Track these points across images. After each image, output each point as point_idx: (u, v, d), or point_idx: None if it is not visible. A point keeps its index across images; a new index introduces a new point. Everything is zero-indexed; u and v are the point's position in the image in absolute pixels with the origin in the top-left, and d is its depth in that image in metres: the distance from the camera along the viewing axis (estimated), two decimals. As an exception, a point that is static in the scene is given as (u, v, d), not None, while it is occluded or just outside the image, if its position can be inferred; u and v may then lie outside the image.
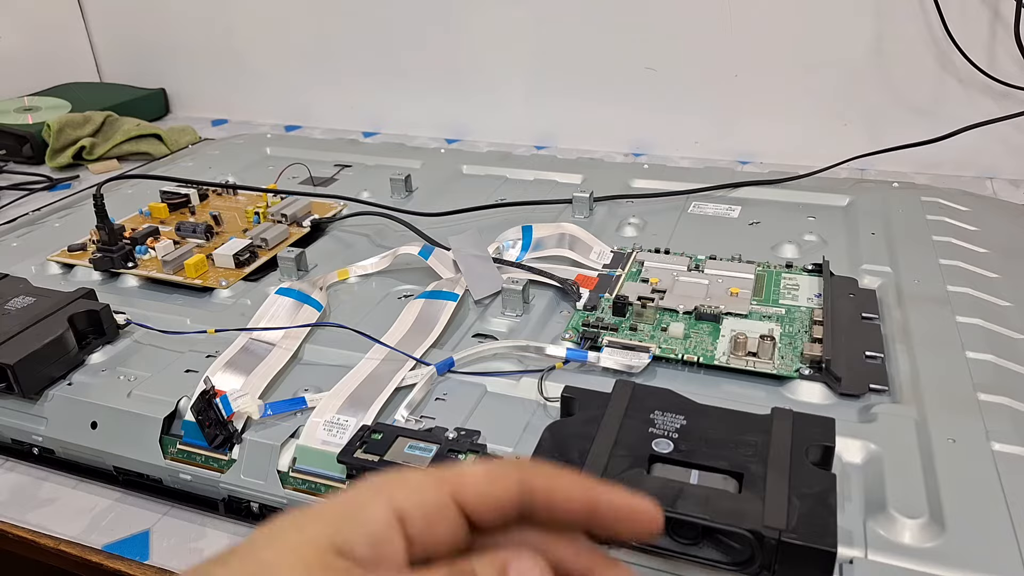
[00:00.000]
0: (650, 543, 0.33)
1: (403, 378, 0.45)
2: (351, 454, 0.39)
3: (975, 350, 0.46)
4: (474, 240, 0.57)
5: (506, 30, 0.94)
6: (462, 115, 1.01)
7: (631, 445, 0.36)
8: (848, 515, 0.36)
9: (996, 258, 0.58)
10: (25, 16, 1.12)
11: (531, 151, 0.96)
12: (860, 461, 0.39)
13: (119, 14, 1.17)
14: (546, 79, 0.95)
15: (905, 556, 0.33)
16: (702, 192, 0.71)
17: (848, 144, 0.80)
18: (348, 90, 1.06)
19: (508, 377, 0.46)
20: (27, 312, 0.50)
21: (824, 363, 0.45)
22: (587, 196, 0.68)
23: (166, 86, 1.18)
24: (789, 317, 0.51)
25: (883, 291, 0.54)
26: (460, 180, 0.79)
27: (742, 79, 0.87)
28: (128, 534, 0.43)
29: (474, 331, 0.52)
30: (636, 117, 0.93)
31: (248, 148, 0.91)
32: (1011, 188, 0.79)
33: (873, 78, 0.82)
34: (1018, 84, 0.77)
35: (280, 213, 0.67)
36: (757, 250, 0.60)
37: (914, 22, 0.79)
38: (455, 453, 0.38)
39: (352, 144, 0.91)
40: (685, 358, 0.47)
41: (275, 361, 0.48)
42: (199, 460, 0.43)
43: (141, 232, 0.64)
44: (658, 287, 0.54)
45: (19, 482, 0.47)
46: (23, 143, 0.95)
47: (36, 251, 0.65)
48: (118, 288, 0.60)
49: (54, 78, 1.16)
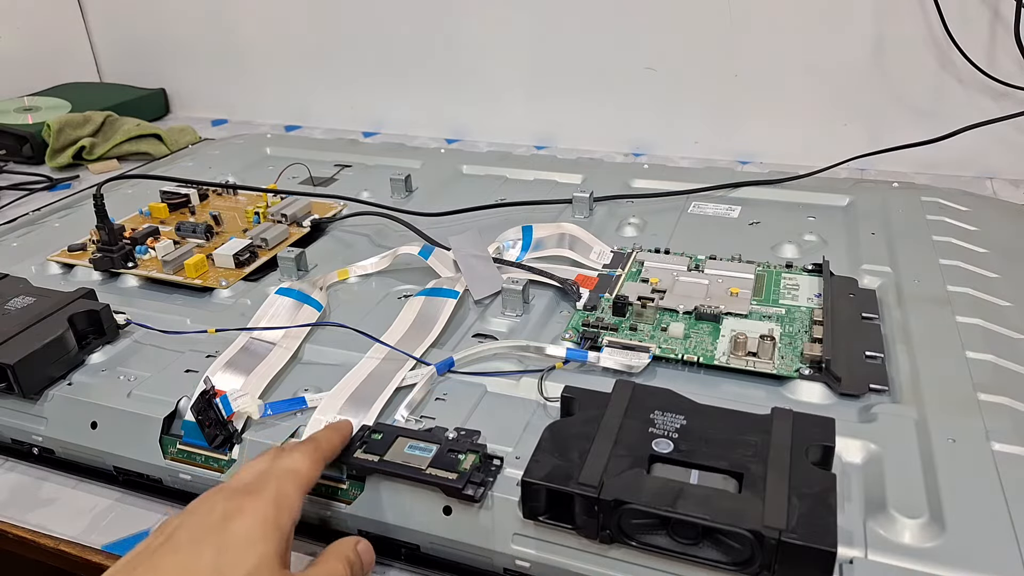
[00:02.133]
0: (650, 543, 0.33)
1: (403, 378, 0.45)
2: (351, 454, 0.39)
3: (975, 350, 0.46)
4: (474, 240, 0.57)
5: (506, 30, 0.94)
6: (462, 115, 1.01)
7: (631, 445, 0.36)
8: (848, 515, 0.36)
9: (996, 258, 0.58)
10: (25, 16, 1.12)
11: (531, 151, 0.96)
12: (860, 461, 0.39)
13: (119, 14, 1.17)
14: (546, 79, 0.95)
15: (905, 556, 0.33)
16: (702, 192, 0.71)
17: (848, 144, 0.80)
18: (348, 90, 1.06)
19: (508, 377, 0.46)
20: (27, 312, 0.50)
21: (824, 363, 0.45)
22: (587, 196, 0.68)
23: (166, 86, 1.18)
24: (789, 317, 0.51)
25: (883, 291, 0.54)
26: (460, 180, 0.79)
27: (742, 79, 0.87)
28: (128, 534, 0.43)
29: (474, 331, 0.52)
30: (636, 117, 0.93)
31: (248, 148, 0.91)
32: (1011, 188, 0.79)
33: (873, 78, 0.82)
34: (1018, 84, 0.77)
35: (280, 213, 0.67)
36: (757, 250, 0.60)
37: (914, 22, 0.79)
38: (455, 453, 0.38)
39: (352, 144, 0.91)
40: (685, 358, 0.47)
41: (275, 361, 0.48)
42: (199, 460, 0.43)
43: (141, 232, 0.64)
44: (658, 287, 0.54)
45: (19, 482, 0.47)
46: (23, 143, 0.95)
47: (36, 251, 0.65)
48: (118, 288, 0.60)
49: (54, 78, 1.16)
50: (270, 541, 0.31)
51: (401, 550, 0.40)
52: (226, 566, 0.30)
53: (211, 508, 0.33)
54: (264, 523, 0.32)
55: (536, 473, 0.34)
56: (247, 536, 0.31)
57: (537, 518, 0.35)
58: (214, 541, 0.31)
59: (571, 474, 0.34)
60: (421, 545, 0.39)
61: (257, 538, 0.31)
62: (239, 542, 0.31)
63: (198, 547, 0.31)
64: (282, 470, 0.35)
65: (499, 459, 0.39)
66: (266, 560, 0.31)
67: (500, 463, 0.39)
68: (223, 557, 0.30)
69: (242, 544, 0.31)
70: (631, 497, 0.33)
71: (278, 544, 0.32)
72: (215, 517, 0.32)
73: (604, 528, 0.34)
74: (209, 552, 0.30)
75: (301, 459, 0.36)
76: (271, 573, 0.31)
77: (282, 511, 0.33)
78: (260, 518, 0.32)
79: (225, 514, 0.32)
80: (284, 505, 0.33)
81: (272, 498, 0.33)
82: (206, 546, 0.31)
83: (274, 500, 0.33)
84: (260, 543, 0.31)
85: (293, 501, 0.34)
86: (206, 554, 0.30)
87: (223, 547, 0.31)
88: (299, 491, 0.34)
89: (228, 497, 0.33)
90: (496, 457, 0.39)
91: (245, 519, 0.32)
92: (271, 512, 0.32)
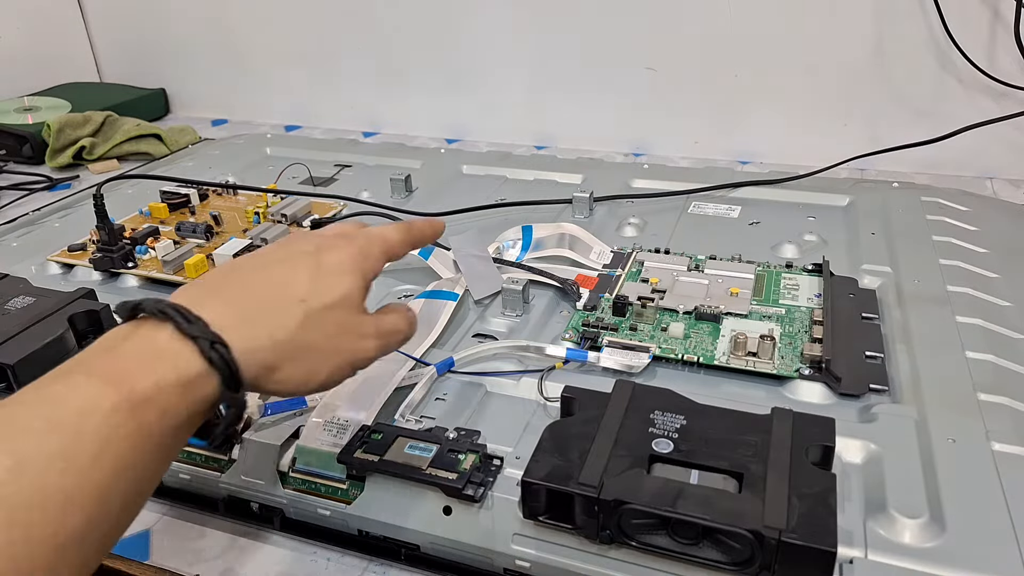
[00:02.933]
0: (650, 543, 0.33)
1: (403, 378, 0.45)
2: (351, 454, 0.39)
3: (975, 350, 0.46)
4: (474, 240, 0.57)
5: (506, 30, 0.94)
6: (462, 115, 1.01)
7: (631, 445, 0.36)
8: (848, 515, 0.36)
9: (996, 258, 0.58)
10: (25, 16, 1.12)
11: (531, 151, 0.96)
12: (860, 461, 0.39)
13: (119, 14, 1.17)
14: (546, 79, 0.95)
15: (905, 556, 0.33)
16: (702, 192, 0.71)
17: (848, 144, 0.80)
18: (348, 90, 1.06)
19: (508, 377, 0.46)
20: (27, 312, 0.50)
21: (824, 363, 0.45)
22: (587, 196, 0.68)
23: (166, 86, 1.18)
24: (789, 317, 0.51)
25: (883, 291, 0.54)
26: (460, 180, 0.79)
27: (742, 79, 0.87)
28: (128, 534, 0.42)
29: (474, 331, 0.52)
30: (636, 117, 0.93)
31: (248, 148, 0.91)
32: (1011, 188, 0.79)
33: (873, 78, 0.82)
34: (1018, 84, 0.77)
35: (280, 213, 0.67)
36: (757, 250, 0.60)
37: (914, 22, 0.79)
38: (455, 453, 0.38)
39: (352, 144, 0.91)
40: (685, 358, 0.47)
41: (275, 361, 0.47)
42: (199, 460, 0.43)
43: (141, 232, 0.64)
44: (658, 287, 0.54)
45: (19, 482, 0.47)
46: (23, 143, 0.95)
47: (36, 251, 0.65)
48: (118, 288, 0.60)
49: (54, 78, 1.16)
50: (357, 276, 0.33)
51: (401, 550, 0.40)
52: (321, 287, 0.32)
53: (305, 239, 0.34)
54: (353, 260, 0.34)
55: (536, 473, 0.34)
56: (339, 266, 0.33)
57: (537, 518, 0.35)
58: (309, 264, 0.33)
59: (571, 474, 0.34)
60: (421, 545, 0.39)
61: (347, 270, 0.33)
62: (332, 270, 0.33)
63: (294, 267, 0.33)
64: (373, 230, 0.36)
65: (499, 459, 0.39)
66: (353, 292, 0.33)
67: (500, 463, 0.39)
68: (318, 280, 0.32)
69: (334, 272, 0.33)
70: (631, 497, 0.33)
71: (363, 284, 0.34)
72: (309, 246, 0.34)
73: (604, 528, 0.34)
74: (304, 273, 0.32)
75: (391, 230, 0.37)
76: (355, 305, 0.33)
77: (368, 259, 0.34)
78: (350, 255, 0.34)
79: (319, 247, 0.34)
80: (370, 255, 0.35)
81: (360, 246, 0.34)
82: (302, 268, 0.32)
83: (360, 249, 0.34)
84: (349, 275, 0.33)
85: (376, 259, 0.35)
86: (302, 274, 0.32)
87: (317, 271, 0.32)
88: (383, 254, 0.36)
89: (319, 235, 0.35)
90: (496, 457, 0.39)
91: (339, 253, 0.34)
92: (358, 256, 0.34)
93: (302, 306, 0.31)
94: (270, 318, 0.31)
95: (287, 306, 0.31)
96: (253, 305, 0.31)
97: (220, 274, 0.33)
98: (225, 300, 0.31)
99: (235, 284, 0.32)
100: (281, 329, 0.31)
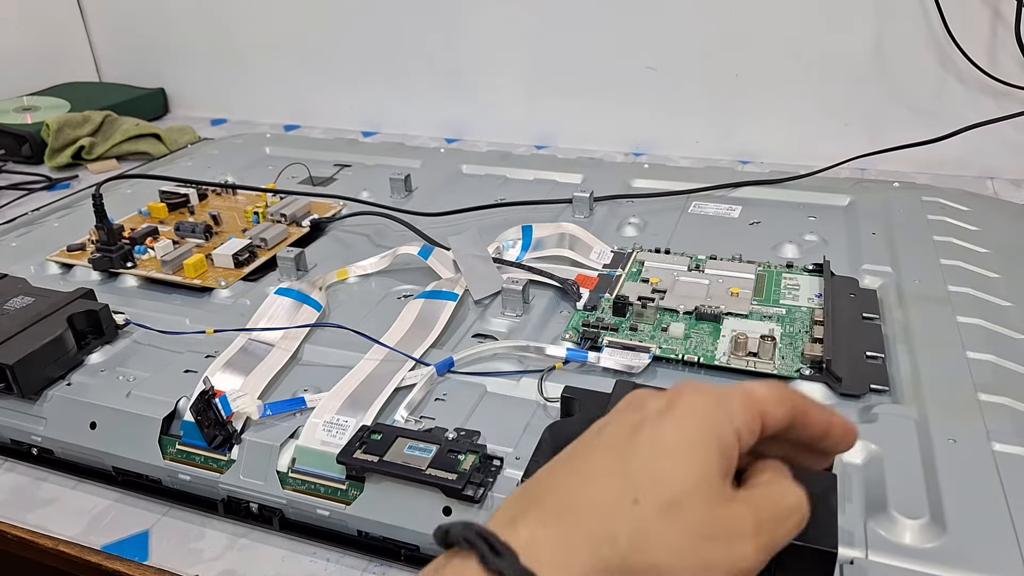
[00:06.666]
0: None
1: (403, 378, 0.45)
2: (351, 454, 0.39)
3: (976, 350, 0.46)
4: (474, 240, 0.57)
5: (506, 30, 0.94)
6: (462, 115, 1.01)
7: (631, 445, 0.35)
8: (849, 515, 0.36)
9: (997, 258, 0.57)
10: (25, 16, 1.12)
11: (531, 151, 0.96)
12: (861, 461, 0.39)
13: (119, 14, 1.17)
14: (546, 79, 0.95)
15: (906, 556, 0.33)
16: (702, 192, 0.71)
17: (848, 144, 0.80)
18: (348, 90, 1.06)
19: (508, 377, 0.46)
20: (26, 312, 0.50)
21: (825, 363, 0.44)
22: (587, 196, 0.68)
23: (165, 86, 1.18)
24: (790, 317, 0.50)
25: (884, 291, 0.54)
26: (460, 180, 0.78)
27: (742, 79, 0.87)
28: (127, 534, 0.42)
29: (474, 331, 0.52)
30: (636, 117, 0.93)
31: (247, 148, 0.91)
32: (1011, 188, 0.79)
33: (873, 78, 0.82)
34: (1018, 84, 0.77)
35: (279, 213, 0.67)
36: (757, 250, 0.60)
37: (914, 22, 0.79)
38: (455, 453, 0.38)
39: (352, 144, 0.91)
40: (685, 358, 0.47)
41: (274, 361, 0.47)
42: (198, 460, 0.43)
43: (140, 232, 0.64)
44: (658, 287, 0.54)
45: (18, 482, 0.47)
46: (22, 143, 0.95)
47: (35, 251, 0.65)
48: (117, 288, 0.60)
49: (54, 78, 1.16)
50: (711, 445, 0.25)
51: (401, 551, 0.40)
52: (656, 475, 0.24)
53: (639, 401, 0.27)
54: (702, 421, 0.25)
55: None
56: (681, 437, 0.25)
57: (537, 519, 0.35)
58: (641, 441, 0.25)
59: (571, 475, 0.34)
60: (421, 546, 0.39)
61: (695, 440, 0.25)
62: (671, 445, 0.25)
63: (620, 452, 0.25)
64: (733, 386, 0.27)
65: (499, 459, 0.39)
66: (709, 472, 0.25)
67: (500, 463, 0.39)
68: (652, 464, 0.25)
69: (673, 447, 0.25)
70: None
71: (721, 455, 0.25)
72: (635, 416, 0.26)
73: (604, 529, 0.33)
74: (634, 457, 0.25)
75: (761, 385, 0.27)
76: (712, 492, 0.24)
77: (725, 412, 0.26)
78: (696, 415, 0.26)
79: (659, 411, 0.26)
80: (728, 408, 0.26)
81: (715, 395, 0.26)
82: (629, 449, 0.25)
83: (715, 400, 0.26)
84: (701, 448, 0.25)
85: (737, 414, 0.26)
86: (631, 460, 0.25)
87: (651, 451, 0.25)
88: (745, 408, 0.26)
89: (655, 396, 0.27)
90: (496, 457, 0.39)
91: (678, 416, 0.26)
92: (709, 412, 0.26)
93: (633, 511, 0.23)
94: (592, 531, 0.23)
95: (613, 512, 0.24)
96: (571, 518, 0.24)
97: (548, 473, 0.26)
98: (542, 514, 0.24)
99: (560, 487, 0.25)
100: (607, 545, 0.23)
